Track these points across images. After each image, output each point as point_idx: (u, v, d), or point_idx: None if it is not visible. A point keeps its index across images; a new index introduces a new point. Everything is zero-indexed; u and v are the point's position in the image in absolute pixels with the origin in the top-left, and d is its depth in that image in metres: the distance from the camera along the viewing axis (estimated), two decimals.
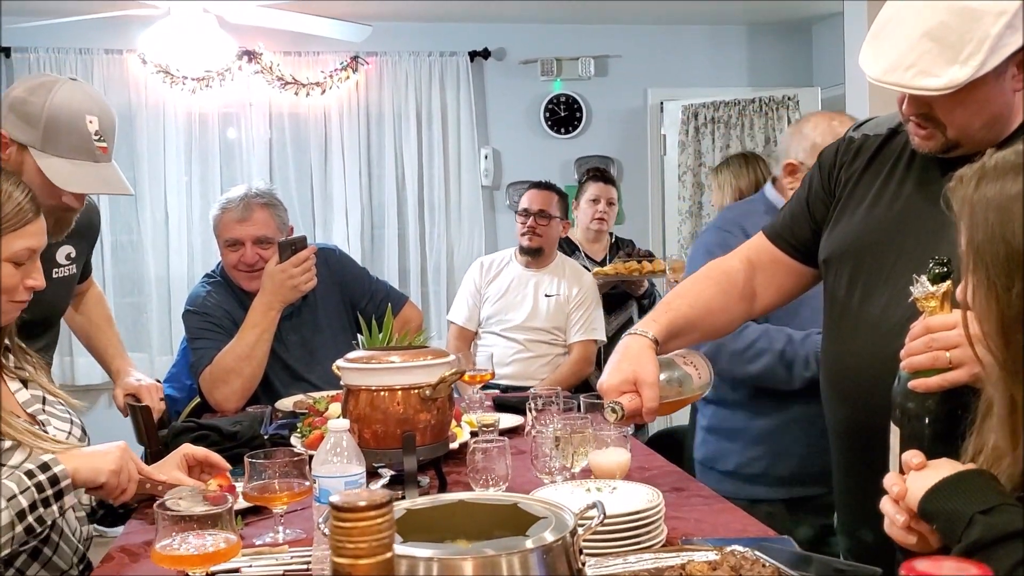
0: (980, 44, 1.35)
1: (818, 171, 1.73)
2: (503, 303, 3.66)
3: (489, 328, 3.67)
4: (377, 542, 0.62)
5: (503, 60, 5.40)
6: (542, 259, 3.68)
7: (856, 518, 1.65)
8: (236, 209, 2.80)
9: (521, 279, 3.67)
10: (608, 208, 4.00)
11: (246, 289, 2.83)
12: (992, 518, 0.97)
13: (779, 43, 5.66)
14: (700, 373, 1.74)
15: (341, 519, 0.61)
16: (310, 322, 2.91)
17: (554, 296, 3.61)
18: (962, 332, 1.23)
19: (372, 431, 1.67)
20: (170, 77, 4.87)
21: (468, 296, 3.75)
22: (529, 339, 3.59)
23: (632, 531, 1.44)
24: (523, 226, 3.66)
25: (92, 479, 1.56)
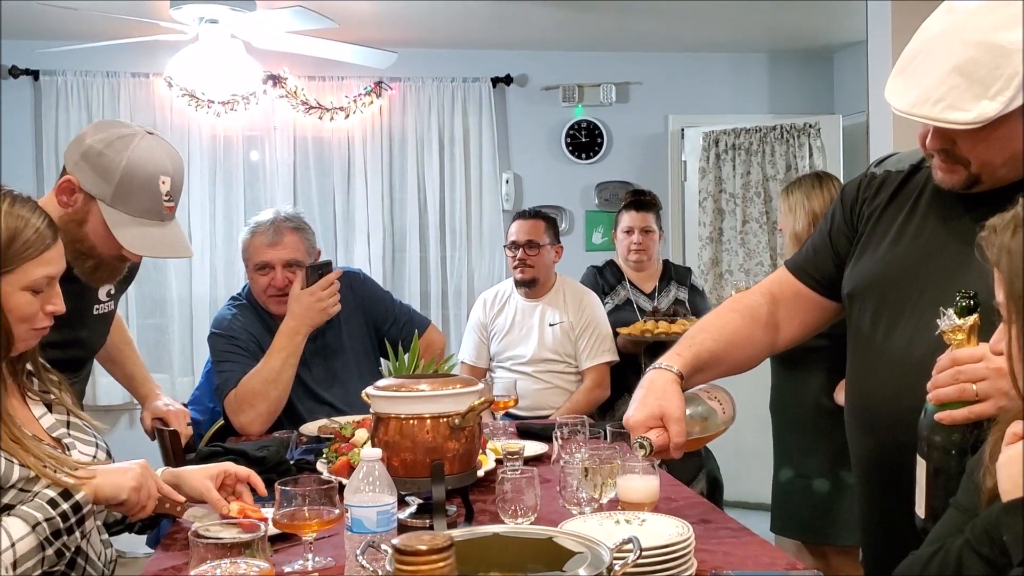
0: (1010, 80, 1.36)
1: (840, 206, 1.74)
2: (509, 339, 3.64)
3: (501, 363, 3.66)
4: None
5: (525, 86, 5.44)
6: (540, 287, 3.64)
7: (881, 552, 1.64)
8: (266, 233, 2.82)
9: (524, 311, 3.64)
10: (644, 237, 3.75)
11: (275, 313, 2.85)
12: None
13: (800, 71, 5.68)
14: (724, 408, 1.74)
15: (405, 562, 0.62)
16: (334, 344, 2.92)
17: (558, 324, 3.58)
18: (989, 365, 1.24)
19: (401, 459, 1.67)
20: (195, 100, 4.92)
21: (474, 333, 3.75)
22: (540, 371, 3.58)
23: (664, 564, 1.44)
24: (513, 259, 3.62)
25: (114, 496, 1.58)
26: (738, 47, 5.51)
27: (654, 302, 3.73)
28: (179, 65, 4.13)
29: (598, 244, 5.51)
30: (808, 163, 5.17)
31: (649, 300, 3.74)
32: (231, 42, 4.00)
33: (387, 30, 4.75)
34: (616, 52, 5.45)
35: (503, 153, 5.38)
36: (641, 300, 3.74)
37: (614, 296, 3.77)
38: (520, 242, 3.58)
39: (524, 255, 3.57)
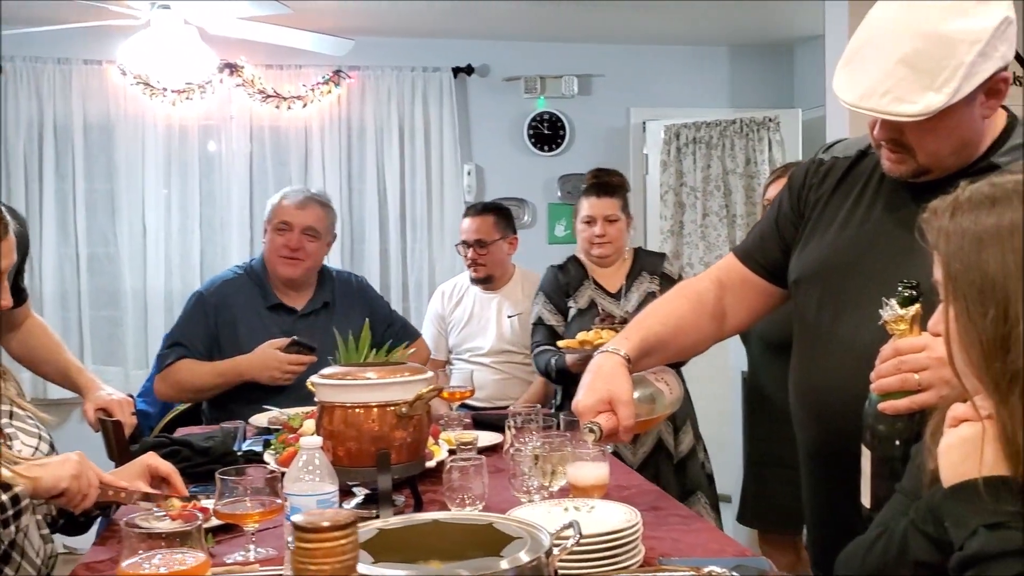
0: (955, 71, 1.37)
1: (788, 192, 1.74)
2: (468, 331, 3.60)
3: (459, 355, 3.62)
4: (340, 563, 0.60)
5: (487, 77, 5.40)
6: (497, 281, 3.60)
7: (827, 538, 1.63)
8: (296, 198, 3.03)
9: (482, 303, 3.60)
10: (608, 227, 3.13)
11: (281, 274, 2.97)
12: (995, 533, 0.98)
13: (761, 64, 5.70)
14: (671, 389, 1.74)
15: (305, 539, 0.59)
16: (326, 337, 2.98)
17: (516, 316, 3.53)
18: (931, 355, 1.24)
19: (346, 449, 1.64)
20: (150, 89, 4.83)
21: (432, 326, 3.70)
22: (499, 361, 3.54)
23: (609, 551, 1.42)
24: (466, 257, 3.57)
25: (53, 486, 1.55)
26: (699, 40, 5.51)
27: (620, 303, 3.10)
28: (130, 51, 4.04)
29: (561, 237, 5.49)
30: (768, 157, 5.20)
31: (615, 302, 3.11)
32: (184, 28, 3.93)
33: (346, 18, 4.69)
34: (578, 44, 5.43)
35: (465, 144, 5.35)
36: (606, 302, 3.12)
37: (578, 299, 3.16)
38: (469, 241, 3.53)
39: (475, 254, 3.53)
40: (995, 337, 1.01)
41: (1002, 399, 1.02)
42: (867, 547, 1.20)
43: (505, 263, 3.61)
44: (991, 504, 1.00)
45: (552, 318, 3.13)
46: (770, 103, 5.56)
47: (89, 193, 4.92)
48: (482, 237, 3.51)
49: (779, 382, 2.94)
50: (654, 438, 2.98)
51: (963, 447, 1.06)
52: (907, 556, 1.12)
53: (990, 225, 1.03)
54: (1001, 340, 1.00)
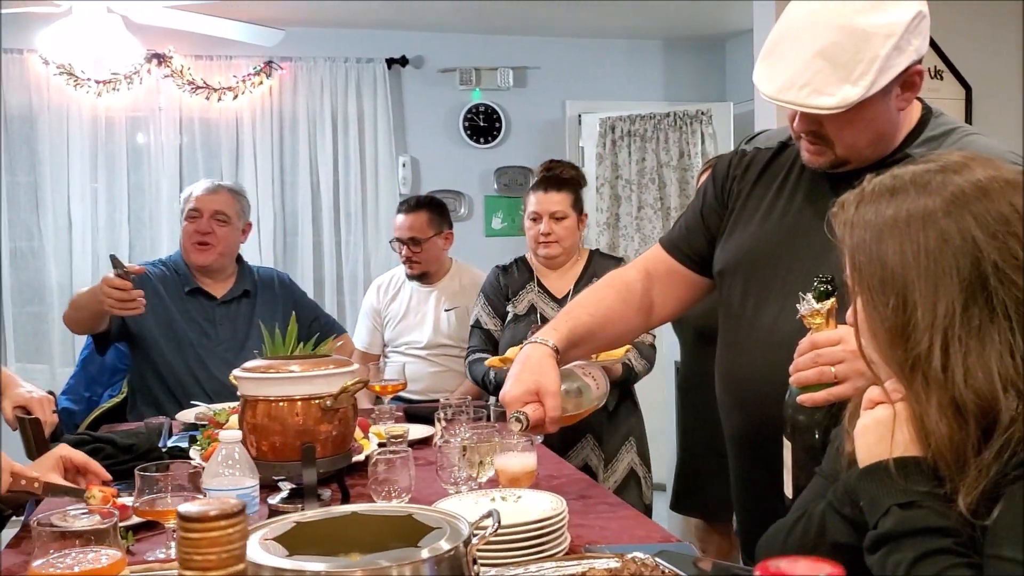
0: (870, 64, 1.39)
1: (712, 183, 1.76)
2: (404, 325, 3.55)
3: (395, 349, 3.59)
4: (228, 553, 0.59)
5: (421, 68, 5.37)
6: (433, 275, 3.55)
7: (753, 523, 1.66)
8: (206, 185, 3.10)
9: (418, 297, 3.56)
10: (554, 225, 2.92)
11: (193, 261, 3.00)
12: (907, 512, 1.01)
13: (693, 59, 5.76)
14: (598, 384, 1.75)
15: (189, 529, 0.58)
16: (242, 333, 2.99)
17: (453, 310, 3.50)
18: (846, 348, 1.27)
19: (270, 443, 1.62)
20: (74, 79, 4.70)
21: (367, 319, 3.65)
22: (435, 354, 3.51)
23: (534, 539, 1.43)
24: (400, 254, 3.52)
25: None
26: (633, 34, 5.55)
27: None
28: (52, 40, 3.93)
29: (498, 229, 5.49)
30: (700, 150, 5.26)
31: (558, 308, 2.82)
32: (108, 16, 3.83)
33: (277, 8, 4.63)
34: (513, 36, 5.43)
35: (399, 136, 5.31)
36: (548, 309, 2.94)
37: (517, 303, 3.01)
38: (403, 239, 3.48)
39: (409, 252, 3.47)
40: (896, 325, 1.04)
41: (908, 384, 1.04)
42: (787, 530, 1.23)
43: (440, 258, 3.56)
44: (902, 484, 1.03)
45: (489, 321, 3.06)
46: (703, 97, 5.62)
47: (12, 186, 4.78)
48: (416, 235, 3.45)
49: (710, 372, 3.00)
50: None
51: (877, 429, 1.09)
52: (825, 537, 1.14)
53: (889, 216, 1.06)
54: (901, 328, 1.03)
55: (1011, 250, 1.00)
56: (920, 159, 1.13)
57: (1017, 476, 0.95)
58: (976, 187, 1.04)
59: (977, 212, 1.02)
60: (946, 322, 1.00)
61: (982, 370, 0.99)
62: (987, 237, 1.01)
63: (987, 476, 0.97)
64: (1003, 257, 1.00)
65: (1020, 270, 1.00)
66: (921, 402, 1.03)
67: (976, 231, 1.01)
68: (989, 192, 1.03)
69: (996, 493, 0.97)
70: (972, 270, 1.00)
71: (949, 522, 0.99)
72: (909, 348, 1.02)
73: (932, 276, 1.01)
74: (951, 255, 1.01)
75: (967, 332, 1.00)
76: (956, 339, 1.00)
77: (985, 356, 0.99)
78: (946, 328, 1.00)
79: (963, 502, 0.98)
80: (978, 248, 1.00)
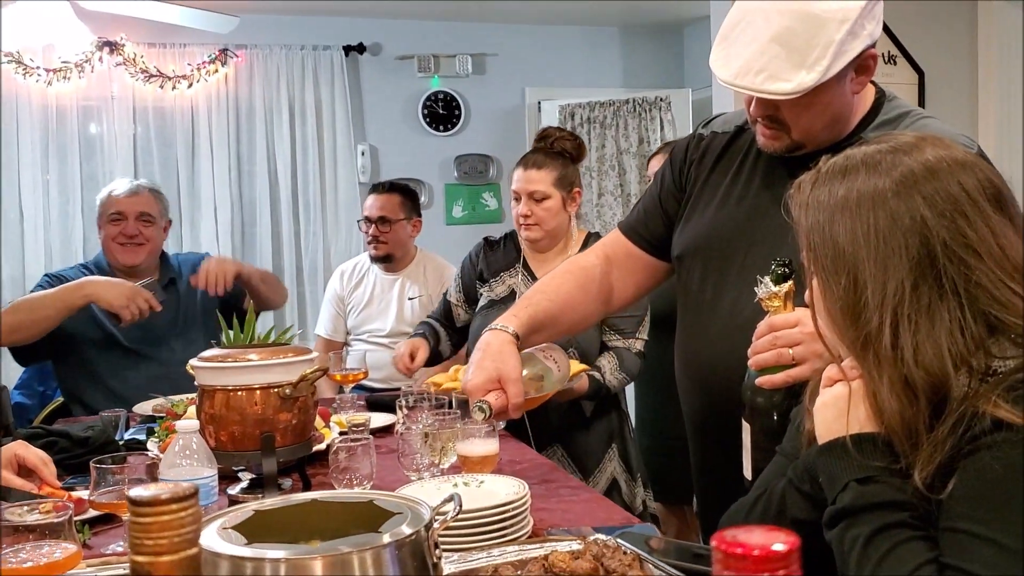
0: (825, 49, 1.40)
1: (669, 167, 1.76)
2: (367, 312, 3.54)
3: (358, 336, 3.58)
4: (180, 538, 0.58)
5: (379, 55, 5.33)
6: (398, 262, 3.54)
7: (713, 504, 1.68)
8: (125, 187, 3.07)
9: (383, 285, 3.55)
10: (534, 206, 2.67)
11: (122, 262, 2.98)
12: (864, 487, 1.02)
13: (652, 45, 5.78)
14: (560, 366, 1.75)
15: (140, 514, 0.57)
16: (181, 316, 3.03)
17: (418, 298, 3.50)
18: (803, 330, 1.29)
19: (229, 433, 1.60)
20: (23, 67, 4.60)
21: (331, 306, 3.63)
22: (398, 343, 3.50)
23: (497, 524, 1.43)
24: (367, 235, 3.51)
25: None
26: (592, 20, 5.55)
27: None
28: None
29: (458, 218, 5.48)
30: (660, 136, 5.28)
31: None
32: (57, 3, 3.75)
33: None
34: (471, 22, 5.40)
35: (358, 124, 5.27)
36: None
37: (495, 286, 2.77)
38: (372, 218, 3.47)
39: (376, 231, 3.46)
40: (848, 304, 1.05)
41: (861, 361, 1.06)
42: (748, 508, 1.24)
43: (407, 244, 3.55)
44: (860, 460, 1.04)
45: (455, 296, 2.89)
46: (661, 83, 5.64)
47: None
48: (386, 215, 3.45)
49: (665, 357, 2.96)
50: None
51: (835, 406, 1.10)
52: (785, 514, 1.15)
53: (841, 197, 1.07)
54: (853, 306, 1.05)
55: (959, 229, 1.02)
56: (873, 140, 1.14)
57: (970, 450, 0.97)
58: (925, 167, 1.05)
59: (926, 192, 1.03)
60: (895, 301, 1.01)
61: (932, 348, 1.00)
62: (936, 216, 1.02)
63: (942, 451, 0.99)
64: (952, 236, 1.02)
65: (968, 248, 1.01)
66: (874, 379, 1.04)
67: (925, 211, 1.02)
68: (938, 172, 1.05)
69: (951, 467, 0.98)
70: (921, 249, 1.01)
71: (905, 496, 1.01)
72: (860, 326, 1.04)
73: (882, 256, 1.03)
74: (900, 235, 1.02)
75: (916, 311, 1.01)
76: (905, 317, 1.01)
77: (935, 334, 1.00)
78: (895, 307, 1.01)
79: (918, 476, 0.99)
80: (927, 228, 1.02)
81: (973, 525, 0.94)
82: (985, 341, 1.00)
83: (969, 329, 1.00)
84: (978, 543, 0.93)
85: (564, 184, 2.68)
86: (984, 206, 1.03)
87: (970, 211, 1.02)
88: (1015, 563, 0.91)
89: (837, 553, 1.03)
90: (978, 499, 0.95)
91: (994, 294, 1.01)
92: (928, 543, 0.98)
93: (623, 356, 2.57)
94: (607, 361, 2.55)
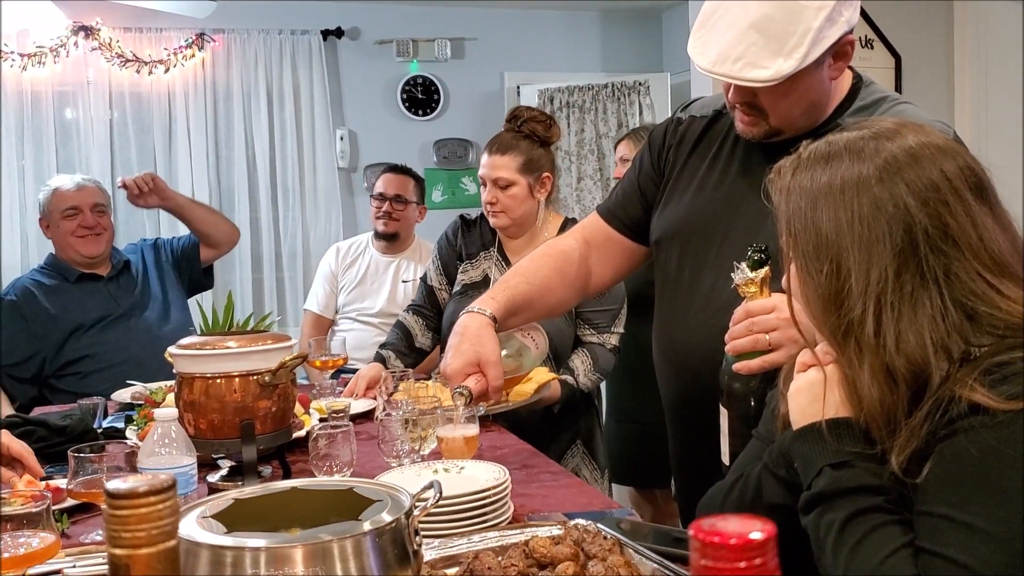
0: (803, 37, 1.40)
1: (648, 151, 1.76)
2: (360, 290, 3.57)
3: (346, 314, 3.59)
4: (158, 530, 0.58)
5: (357, 40, 5.29)
6: (399, 244, 3.60)
7: (692, 488, 1.69)
8: (72, 183, 3.14)
9: (378, 265, 3.59)
10: (499, 193, 2.54)
11: (84, 254, 3.06)
12: (839, 472, 1.03)
13: (631, 29, 5.77)
14: (538, 344, 1.76)
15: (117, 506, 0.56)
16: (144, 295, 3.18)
17: (411, 281, 3.52)
18: (780, 315, 1.29)
19: (208, 421, 1.60)
20: None
21: (324, 282, 3.65)
22: (386, 323, 3.48)
23: (477, 510, 1.43)
24: (378, 210, 3.56)
25: None
26: (571, 5, 5.54)
27: None
28: None
29: (438, 202, 5.46)
30: (639, 120, 5.28)
31: None
32: None
33: None
34: (450, 6, 5.38)
35: (336, 109, 5.23)
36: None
37: (472, 267, 2.66)
38: (388, 195, 3.54)
39: (391, 207, 3.52)
40: (830, 291, 1.05)
41: (840, 349, 1.06)
42: (725, 492, 1.25)
43: (412, 227, 3.64)
44: (834, 445, 1.05)
45: (436, 278, 2.73)
46: (640, 67, 5.64)
47: None
48: (402, 193, 3.55)
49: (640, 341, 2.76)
50: None
51: (810, 391, 1.11)
52: (762, 499, 1.16)
53: (824, 183, 1.07)
54: (835, 294, 1.05)
55: (941, 218, 1.02)
56: (854, 125, 1.15)
57: (947, 434, 0.98)
58: (908, 154, 1.05)
59: (909, 179, 1.03)
60: (879, 288, 1.02)
61: (914, 335, 1.00)
62: (919, 204, 1.02)
63: (918, 436, 0.99)
64: (934, 224, 1.02)
65: (948, 239, 1.02)
66: (854, 367, 1.04)
67: (908, 198, 1.02)
68: (920, 158, 1.05)
69: (927, 451, 0.99)
70: (904, 237, 1.02)
71: (880, 480, 1.01)
72: (842, 314, 1.04)
73: (866, 243, 1.03)
74: (884, 222, 1.02)
75: (899, 298, 1.01)
76: (888, 305, 1.01)
77: (917, 322, 1.01)
78: (879, 294, 1.02)
79: (895, 461, 1.00)
80: (910, 216, 1.02)
81: (949, 509, 0.95)
82: (964, 328, 1.01)
83: (950, 316, 1.01)
84: (954, 527, 0.94)
85: (531, 169, 2.54)
86: (965, 195, 1.03)
87: (952, 200, 1.03)
88: (990, 546, 0.93)
89: (813, 538, 1.04)
90: (954, 483, 0.96)
91: (970, 286, 1.01)
92: (903, 527, 0.99)
93: (597, 354, 2.48)
94: (580, 361, 2.46)
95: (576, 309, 2.48)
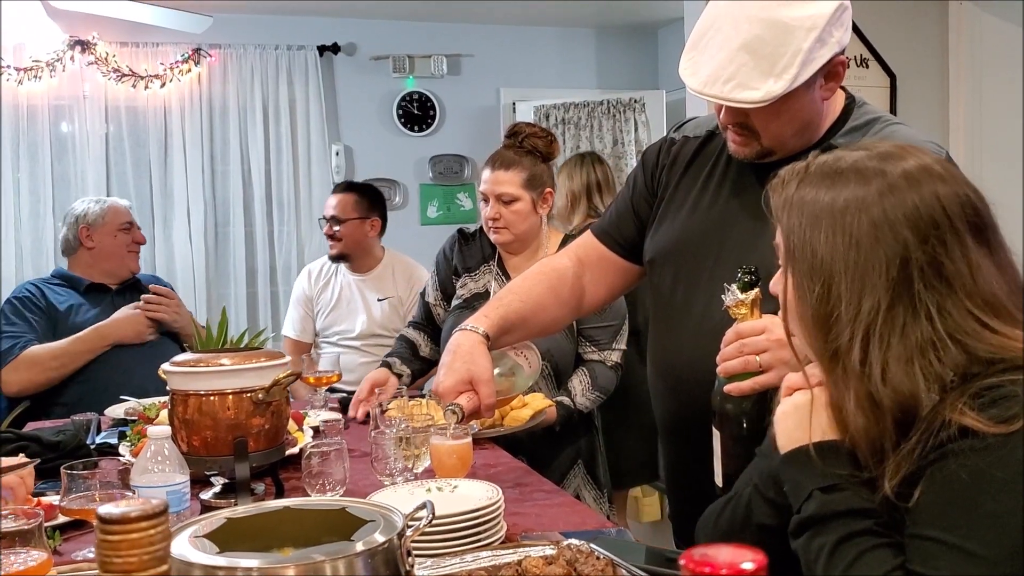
0: (793, 58, 1.41)
1: (642, 171, 1.77)
2: (336, 315, 3.51)
3: (327, 338, 3.55)
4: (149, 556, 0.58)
5: (354, 55, 5.32)
6: (363, 262, 3.51)
7: (685, 509, 1.69)
8: (119, 203, 3.29)
9: (351, 287, 3.52)
10: (502, 208, 2.52)
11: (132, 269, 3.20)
12: (828, 496, 1.03)
13: (626, 47, 5.80)
14: (530, 363, 1.76)
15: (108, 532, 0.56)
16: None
17: (387, 299, 3.48)
18: (770, 337, 1.29)
19: (202, 438, 1.60)
20: None
21: (299, 306, 3.60)
22: (369, 345, 3.48)
23: (470, 529, 1.43)
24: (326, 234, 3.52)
25: None
26: (566, 22, 5.57)
27: None
28: None
29: (433, 218, 5.48)
30: (634, 137, 5.30)
31: None
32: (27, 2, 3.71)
33: None
34: (446, 23, 5.40)
35: (332, 124, 5.25)
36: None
37: (472, 280, 2.62)
38: (326, 216, 3.49)
39: (328, 230, 3.47)
40: (820, 314, 1.05)
41: (828, 371, 1.06)
42: (718, 512, 1.25)
43: (363, 244, 3.50)
44: (823, 468, 1.04)
45: (432, 294, 2.70)
46: (635, 85, 5.67)
47: None
48: (336, 213, 3.45)
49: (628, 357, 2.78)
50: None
51: (796, 414, 1.10)
52: (751, 520, 1.16)
53: (826, 203, 1.05)
54: (825, 318, 1.04)
55: (937, 256, 1.01)
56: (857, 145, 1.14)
57: (936, 458, 0.97)
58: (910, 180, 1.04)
59: (908, 211, 1.02)
60: (869, 319, 1.01)
61: (902, 369, 1.00)
62: (918, 242, 1.01)
63: (909, 461, 0.99)
64: (929, 263, 1.01)
65: (942, 278, 1.01)
66: (840, 391, 1.04)
67: (907, 232, 1.01)
68: (923, 188, 1.04)
69: (917, 475, 0.99)
70: (900, 271, 1.01)
71: (870, 503, 1.01)
72: (831, 339, 1.04)
73: (860, 272, 1.02)
74: (881, 253, 1.01)
75: (890, 330, 1.01)
76: (877, 336, 1.01)
77: (906, 355, 1.00)
78: (868, 324, 1.01)
79: (888, 485, 0.99)
80: (908, 251, 1.01)
81: (939, 532, 0.95)
82: (958, 361, 1.00)
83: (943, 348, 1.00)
84: (944, 550, 0.94)
85: (534, 185, 2.54)
86: (964, 235, 1.03)
87: (950, 239, 1.02)
88: (981, 570, 0.93)
89: (804, 562, 1.04)
90: (944, 506, 0.96)
91: (961, 324, 1.01)
92: (894, 550, 0.99)
93: (597, 372, 2.45)
94: (578, 382, 2.42)
95: (577, 326, 2.46)
